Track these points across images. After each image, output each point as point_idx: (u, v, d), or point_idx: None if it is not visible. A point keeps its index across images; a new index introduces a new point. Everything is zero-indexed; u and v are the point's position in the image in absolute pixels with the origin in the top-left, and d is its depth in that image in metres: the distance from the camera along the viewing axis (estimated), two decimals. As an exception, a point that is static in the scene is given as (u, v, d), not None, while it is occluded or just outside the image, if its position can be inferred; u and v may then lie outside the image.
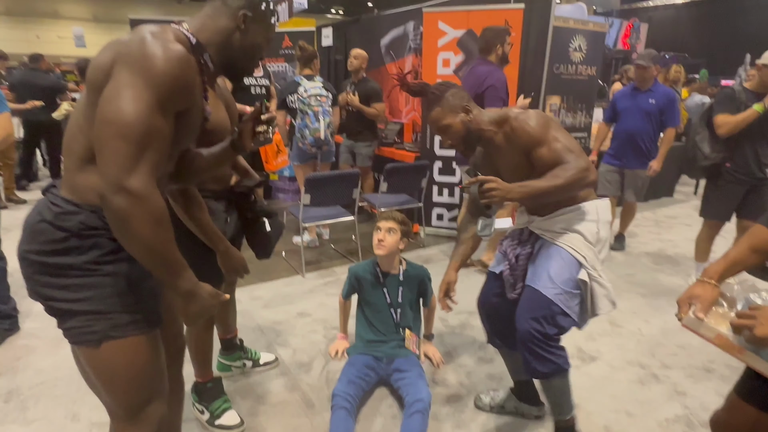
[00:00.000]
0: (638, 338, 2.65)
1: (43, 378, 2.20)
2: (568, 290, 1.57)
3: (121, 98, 0.92)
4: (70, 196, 1.04)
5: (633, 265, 3.77)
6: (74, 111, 1.08)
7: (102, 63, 0.97)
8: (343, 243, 4.10)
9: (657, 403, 2.11)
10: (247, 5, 1.13)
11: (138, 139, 0.92)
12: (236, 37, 1.14)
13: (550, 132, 1.55)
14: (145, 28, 1.00)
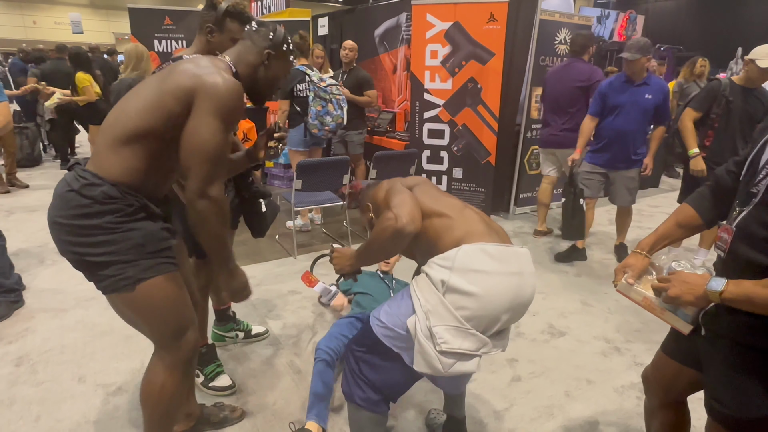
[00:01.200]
0: (606, 316, 2.84)
1: (51, 345, 2.37)
2: (391, 327, 1.35)
3: (205, 132, 1.24)
4: (96, 170, 1.26)
5: (610, 251, 3.95)
6: (126, 97, 1.32)
7: (182, 85, 1.25)
8: (333, 227, 4.27)
9: (616, 373, 2.30)
10: (271, 45, 1.43)
11: (216, 160, 1.26)
12: (261, 71, 1.45)
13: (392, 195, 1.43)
14: (211, 63, 1.31)
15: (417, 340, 1.27)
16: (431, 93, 4.24)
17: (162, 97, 1.26)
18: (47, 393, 2.04)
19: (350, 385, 1.45)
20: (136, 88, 1.36)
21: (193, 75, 1.26)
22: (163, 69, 1.45)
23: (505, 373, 2.26)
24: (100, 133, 1.32)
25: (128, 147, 1.27)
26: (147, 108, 1.27)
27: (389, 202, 1.40)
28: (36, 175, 6.00)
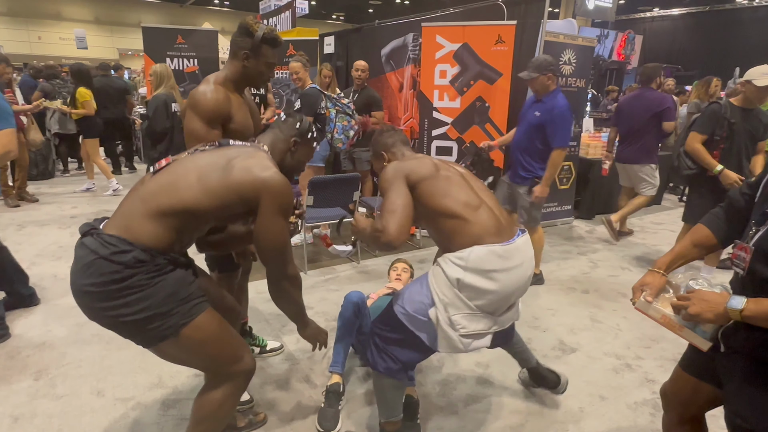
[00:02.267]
0: (616, 333, 2.87)
1: (69, 359, 2.40)
2: (413, 314, 1.58)
3: (276, 229, 1.45)
4: (125, 235, 1.30)
5: (617, 267, 3.99)
6: (175, 170, 1.40)
7: (247, 187, 1.39)
8: (343, 243, 4.30)
9: (628, 389, 2.32)
10: (297, 134, 1.63)
11: (287, 248, 1.51)
12: (288, 156, 1.64)
13: (388, 188, 1.61)
14: (267, 160, 1.46)
15: (440, 327, 1.55)
16: (440, 111, 4.33)
17: (223, 190, 1.36)
18: (67, 407, 2.06)
19: (374, 357, 1.66)
20: (186, 163, 1.41)
21: (256, 179, 1.39)
22: (216, 148, 1.50)
23: (519, 388, 2.29)
24: (143, 198, 1.35)
25: (169, 219, 1.33)
26: (203, 192, 1.35)
27: (385, 195, 1.60)
28: (45, 188, 6.06)
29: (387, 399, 1.76)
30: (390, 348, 1.63)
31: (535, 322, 2.91)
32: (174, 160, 1.46)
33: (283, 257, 1.51)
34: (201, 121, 1.77)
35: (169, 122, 4.00)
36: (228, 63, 1.87)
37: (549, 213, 5.06)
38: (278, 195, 1.41)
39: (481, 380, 2.34)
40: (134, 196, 1.39)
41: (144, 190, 1.38)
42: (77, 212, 5.06)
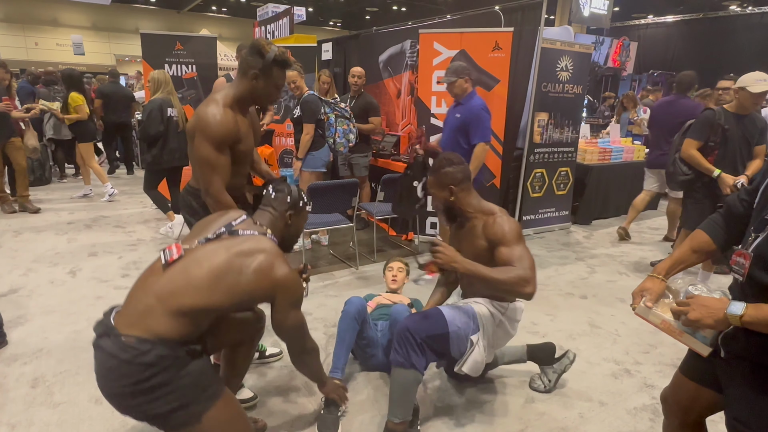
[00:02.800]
0: (615, 338, 2.88)
1: (66, 366, 2.38)
2: (462, 334, 1.88)
3: (293, 320, 1.60)
4: (144, 334, 1.33)
5: (615, 272, 4.00)
6: (191, 270, 1.42)
7: (262, 286, 1.48)
8: (341, 248, 4.31)
9: (627, 394, 2.33)
10: (291, 207, 1.73)
11: (304, 329, 1.69)
12: (286, 230, 1.74)
13: (519, 241, 1.84)
14: (276, 251, 1.53)
15: (475, 350, 1.87)
16: (437, 117, 4.34)
17: (240, 293, 1.44)
18: (64, 414, 2.04)
19: (409, 353, 1.81)
20: (200, 259, 1.43)
21: (271, 282, 1.48)
22: (226, 238, 1.52)
23: (519, 395, 2.29)
24: (162, 296, 1.38)
25: (188, 316, 1.38)
26: (222, 293, 1.41)
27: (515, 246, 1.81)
28: (42, 195, 6.03)
29: (408, 396, 1.87)
30: (426, 348, 1.82)
31: (533, 328, 2.91)
32: (185, 251, 1.47)
33: (302, 337, 1.71)
34: (211, 146, 1.81)
35: (163, 126, 3.99)
36: (236, 81, 1.88)
37: (546, 218, 5.08)
38: (292, 293, 1.57)
39: (480, 387, 2.34)
40: (148, 291, 1.41)
41: (159, 286, 1.40)
42: (74, 218, 5.04)
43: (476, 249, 1.92)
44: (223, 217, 1.65)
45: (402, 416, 1.86)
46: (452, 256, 1.75)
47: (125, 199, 5.99)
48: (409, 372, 1.82)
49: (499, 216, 1.93)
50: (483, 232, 1.92)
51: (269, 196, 1.73)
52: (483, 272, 1.74)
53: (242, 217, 1.64)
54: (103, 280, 3.46)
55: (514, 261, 1.77)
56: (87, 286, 3.35)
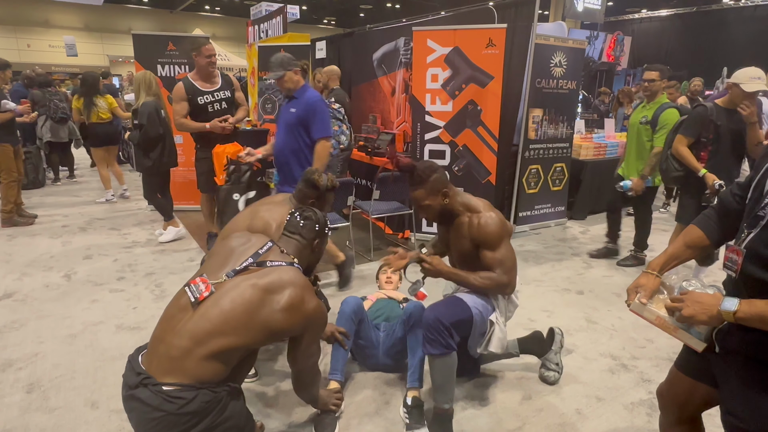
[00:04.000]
0: (611, 333, 2.88)
1: (61, 371, 2.37)
2: (484, 317, 1.98)
3: (314, 353, 1.69)
4: (185, 380, 1.33)
5: (611, 267, 4.01)
6: (224, 307, 1.41)
7: (293, 325, 1.52)
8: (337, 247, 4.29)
9: (624, 389, 2.33)
10: (317, 236, 1.74)
11: (317, 362, 1.75)
12: (312, 256, 1.76)
13: (500, 242, 1.95)
14: (306, 287, 1.55)
15: (497, 328, 1.98)
16: (432, 115, 4.33)
17: (275, 328, 1.46)
18: (61, 420, 2.03)
19: (445, 340, 1.87)
20: (232, 295, 1.43)
21: (303, 318, 1.51)
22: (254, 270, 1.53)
23: (516, 392, 2.29)
24: (191, 338, 1.37)
25: (225, 355, 1.39)
26: (257, 330, 1.43)
27: (499, 247, 1.94)
28: (36, 198, 5.99)
29: (452, 379, 1.94)
30: (453, 332, 1.89)
31: (530, 324, 2.91)
32: (214, 287, 1.45)
33: (316, 371, 1.79)
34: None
35: (162, 128, 3.97)
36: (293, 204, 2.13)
37: (542, 214, 5.09)
38: (320, 326, 1.64)
39: (477, 383, 2.34)
40: (180, 332, 1.38)
41: (193, 327, 1.38)
42: (68, 221, 5.01)
43: (463, 246, 2.04)
44: (247, 243, 1.62)
45: (451, 400, 1.95)
46: (437, 268, 1.97)
47: (120, 201, 5.95)
48: (450, 356, 1.89)
49: (483, 215, 1.97)
50: (468, 230, 1.99)
51: (297, 223, 1.71)
52: (464, 281, 1.98)
53: (267, 244, 1.62)
54: (98, 284, 3.44)
55: (495, 266, 1.94)
56: (82, 289, 3.33)
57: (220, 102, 3.79)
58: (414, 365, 2.15)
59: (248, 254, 1.56)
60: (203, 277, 1.48)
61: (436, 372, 1.93)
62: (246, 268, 1.51)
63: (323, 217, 1.77)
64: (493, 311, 2.02)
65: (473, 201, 2.05)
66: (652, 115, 3.67)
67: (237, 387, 1.47)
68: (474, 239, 1.97)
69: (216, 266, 1.54)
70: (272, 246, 1.62)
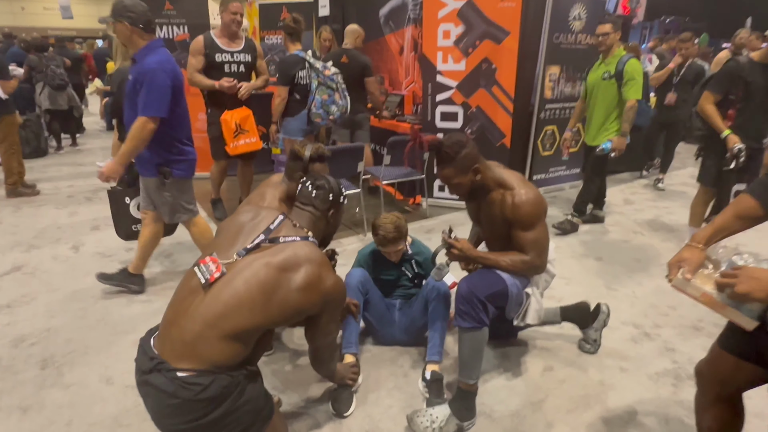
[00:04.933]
0: (632, 300, 2.81)
1: (74, 346, 2.34)
2: (520, 289, 1.89)
3: (334, 330, 1.62)
4: (201, 365, 1.26)
5: (629, 231, 3.90)
6: (238, 288, 1.32)
7: (313, 303, 1.42)
8: (348, 215, 4.21)
9: (648, 359, 2.27)
10: (332, 206, 1.62)
11: (336, 338, 1.69)
12: (327, 228, 1.66)
13: (535, 223, 1.83)
14: (316, 266, 1.41)
15: (533, 299, 1.92)
16: (444, 75, 4.13)
17: (291, 310, 1.38)
18: (76, 396, 2.01)
19: (478, 314, 1.78)
20: (246, 275, 1.33)
21: (321, 296, 1.42)
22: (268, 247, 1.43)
23: (537, 363, 2.24)
24: (206, 323, 1.29)
25: (242, 337, 1.31)
26: (274, 311, 1.34)
27: (534, 228, 1.83)
28: (39, 167, 5.90)
29: (481, 355, 1.86)
30: (488, 305, 1.80)
31: (548, 293, 2.82)
32: (225, 267, 1.36)
33: (335, 348, 1.73)
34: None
35: None
36: (285, 186, 2.01)
37: (557, 177, 4.94)
38: (339, 303, 1.54)
39: (498, 353, 2.29)
40: (193, 316, 1.30)
41: (206, 310, 1.30)
42: (73, 191, 4.94)
43: (494, 223, 1.91)
44: (257, 218, 1.53)
45: (477, 376, 1.87)
46: (466, 253, 1.87)
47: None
48: (481, 332, 1.82)
49: (517, 193, 1.82)
50: (501, 209, 1.86)
51: (309, 193, 1.59)
52: (492, 264, 1.86)
53: (279, 218, 1.52)
54: (106, 255, 3.39)
55: (528, 248, 1.83)
56: (91, 261, 3.29)
57: (238, 64, 3.60)
58: (434, 338, 2.09)
59: (259, 230, 1.47)
60: (213, 256, 1.39)
61: (464, 346, 1.86)
62: (258, 246, 1.42)
63: (337, 185, 1.64)
64: (528, 284, 1.94)
65: (506, 176, 1.90)
66: (615, 69, 3.49)
67: (254, 369, 1.41)
68: (507, 219, 1.84)
69: (226, 244, 1.45)
70: (284, 220, 1.53)
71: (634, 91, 3.42)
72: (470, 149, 1.83)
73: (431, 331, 2.12)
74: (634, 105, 3.43)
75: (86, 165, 6.03)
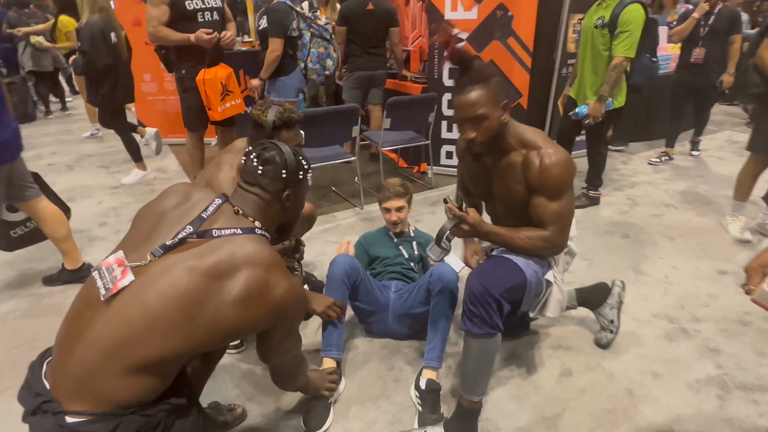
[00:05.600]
0: (665, 287, 2.42)
1: (22, 339, 2.06)
2: (540, 277, 1.55)
3: (293, 344, 1.29)
4: (100, 407, 0.94)
5: (659, 204, 3.46)
6: (150, 303, 0.98)
7: (262, 319, 1.08)
8: (344, 186, 3.83)
9: (686, 362, 1.91)
10: (288, 184, 1.21)
11: (299, 353, 1.38)
12: (284, 213, 1.26)
13: (564, 192, 1.48)
14: (274, 263, 1.08)
15: (555, 287, 1.60)
16: (453, 25, 3.62)
17: (227, 329, 1.03)
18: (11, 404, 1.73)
19: (492, 318, 1.44)
20: (160, 284, 0.99)
21: (270, 312, 1.07)
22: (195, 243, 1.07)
23: (553, 365, 1.89)
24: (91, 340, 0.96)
25: (156, 367, 0.99)
26: (199, 329, 0.99)
27: (560, 197, 1.46)
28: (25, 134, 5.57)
29: (490, 367, 1.55)
30: (503, 303, 1.45)
31: (567, 276, 2.46)
32: (134, 272, 1.01)
33: (297, 364, 1.40)
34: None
35: (111, 57, 3.36)
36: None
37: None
38: (296, 315, 1.22)
39: (505, 353, 1.95)
40: (87, 341, 0.97)
41: (102, 333, 0.97)
42: (55, 159, 4.64)
43: (512, 194, 1.55)
44: (187, 202, 1.14)
45: (482, 392, 1.55)
46: (477, 227, 1.49)
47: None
48: (492, 340, 1.49)
49: (545, 153, 1.45)
50: (524, 174, 1.48)
51: (254, 170, 1.19)
52: (506, 242, 1.53)
53: (215, 202, 1.14)
54: (77, 231, 3.07)
55: (549, 221, 1.48)
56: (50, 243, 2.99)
57: (211, 11, 3.06)
58: (435, 340, 1.75)
59: (187, 219, 1.10)
60: (119, 256, 1.04)
61: (471, 356, 1.51)
62: (183, 242, 1.06)
63: (294, 156, 1.22)
64: (549, 268, 1.60)
65: (528, 133, 1.52)
66: (610, 15, 2.86)
67: (182, 403, 1.07)
68: (531, 185, 1.48)
69: (140, 239, 1.09)
70: (222, 204, 1.16)
71: (624, 46, 2.80)
72: (505, 83, 1.44)
73: (431, 331, 1.77)
74: (619, 64, 2.83)
75: (74, 132, 5.70)
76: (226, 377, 1.83)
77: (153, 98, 4.93)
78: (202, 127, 3.30)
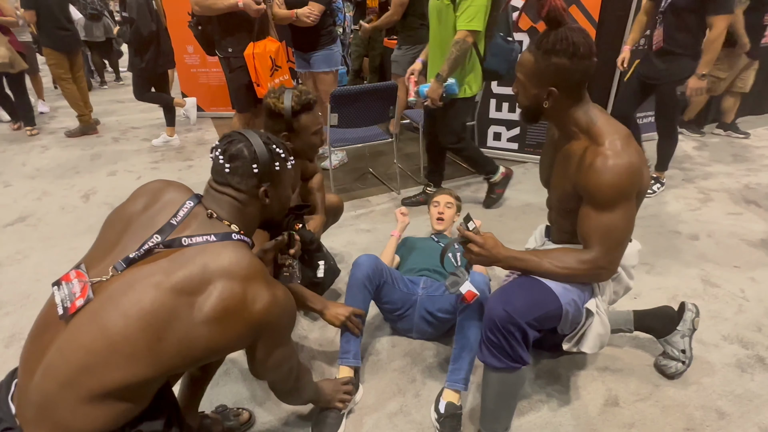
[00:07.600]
0: (740, 304, 2.09)
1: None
2: (580, 307, 1.33)
3: (282, 360, 1.12)
4: None
5: (740, 201, 3.03)
6: (111, 324, 0.86)
7: (242, 338, 0.98)
8: (381, 167, 3.64)
9: (762, 400, 1.62)
10: (264, 177, 1.05)
11: (295, 364, 1.22)
12: (265, 210, 1.11)
13: (617, 204, 1.21)
14: (242, 278, 0.93)
15: (597, 319, 1.34)
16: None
17: (200, 352, 0.92)
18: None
19: (515, 349, 1.27)
20: (123, 303, 0.87)
21: (246, 320, 0.94)
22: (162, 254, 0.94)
23: (596, 391, 1.66)
24: (64, 383, 0.86)
25: (122, 397, 0.88)
26: (168, 351, 0.88)
27: (611, 229, 1.23)
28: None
29: (513, 402, 1.44)
30: (528, 332, 1.26)
31: (621, 283, 2.19)
32: (93, 289, 0.90)
33: (292, 375, 1.22)
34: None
35: (155, 24, 3.34)
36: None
37: (642, 125, 4.00)
38: (282, 329, 1.07)
39: (541, 373, 1.74)
40: (47, 364, 0.87)
41: (59, 359, 0.87)
42: (104, 130, 4.74)
43: (564, 187, 1.34)
44: (155, 205, 1.01)
45: (505, 427, 1.46)
46: (491, 250, 1.29)
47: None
48: (515, 374, 1.32)
49: (604, 152, 1.20)
50: (575, 171, 1.27)
51: (221, 168, 1.03)
52: (536, 270, 1.30)
53: (186, 205, 1.01)
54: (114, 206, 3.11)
55: (593, 238, 1.25)
56: (96, 213, 3.03)
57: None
58: (461, 359, 1.56)
59: (154, 227, 0.97)
60: (80, 269, 0.93)
61: (490, 391, 1.35)
62: (149, 253, 0.93)
63: (263, 145, 1.05)
64: (592, 296, 1.36)
65: (602, 124, 1.24)
66: None
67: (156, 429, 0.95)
68: (579, 186, 1.26)
69: (105, 249, 0.97)
70: (195, 207, 1.01)
71: (466, 17, 2.34)
72: (578, 66, 1.20)
73: (458, 346, 1.58)
74: (462, 39, 2.35)
75: (125, 102, 5.83)
76: (239, 377, 1.74)
77: (196, 70, 4.89)
78: (251, 106, 3.12)
